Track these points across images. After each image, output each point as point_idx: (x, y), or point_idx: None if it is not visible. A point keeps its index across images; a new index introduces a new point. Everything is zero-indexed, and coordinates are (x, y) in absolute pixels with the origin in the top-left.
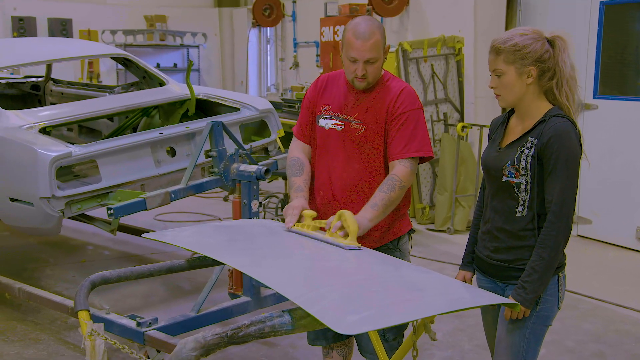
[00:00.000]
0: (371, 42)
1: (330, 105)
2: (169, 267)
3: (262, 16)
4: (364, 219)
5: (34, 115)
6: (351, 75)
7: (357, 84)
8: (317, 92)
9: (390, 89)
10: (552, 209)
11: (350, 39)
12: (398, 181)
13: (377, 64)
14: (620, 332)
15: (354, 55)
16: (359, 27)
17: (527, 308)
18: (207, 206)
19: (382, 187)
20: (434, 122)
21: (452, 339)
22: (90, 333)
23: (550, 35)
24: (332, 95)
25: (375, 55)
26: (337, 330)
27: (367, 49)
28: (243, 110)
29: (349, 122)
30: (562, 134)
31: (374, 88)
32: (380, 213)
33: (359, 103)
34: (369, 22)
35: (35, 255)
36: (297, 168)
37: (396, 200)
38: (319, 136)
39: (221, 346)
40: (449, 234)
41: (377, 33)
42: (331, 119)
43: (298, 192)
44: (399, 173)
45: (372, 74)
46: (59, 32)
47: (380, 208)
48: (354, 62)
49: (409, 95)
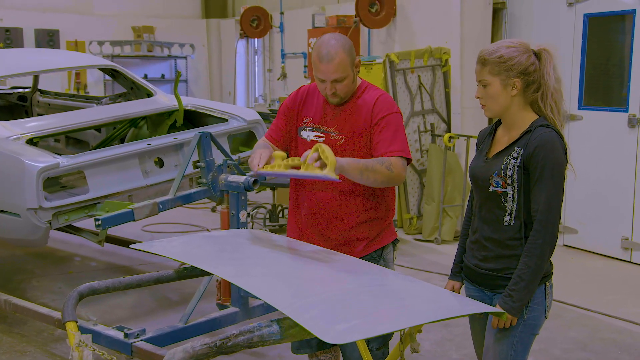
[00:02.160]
0: (335, 63)
1: (312, 117)
2: (157, 277)
3: (250, 27)
4: (341, 160)
5: (21, 126)
6: (323, 92)
7: (331, 100)
8: (297, 103)
9: (367, 99)
10: (538, 217)
11: (316, 61)
12: (388, 162)
13: (345, 81)
14: (606, 340)
15: (320, 76)
16: (322, 48)
17: (514, 316)
18: (194, 217)
19: (373, 159)
20: (421, 133)
21: (440, 349)
22: (78, 344)
23: (537, 48)
24: (312, 107)
25: (341, 75)
26: (326, 339)
27: (331, 70)
28: (231, 121)
29: (329, 134)
30: (548, 143)
31: (350, 99)
32: (357, 167)
33: (337, 115)
34: (333, 42)
35: (22, 267)
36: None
37: (379, 173)
38: (301, 148)
39: (210, 356)
40: (437, 244)
41: (341, 52)
42: (312, 131)
43: (260, 147)
44: (392, 159)
45: (342, 90)
46: (46, 43)
47: (360, 164)
48: (323, 81)
49: (385, 102)
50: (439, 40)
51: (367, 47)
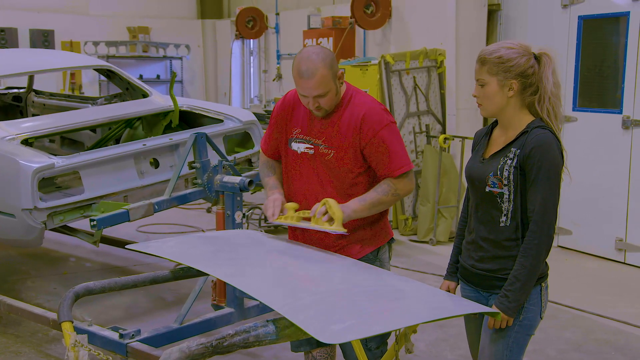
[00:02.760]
0: (315, 80)
1: (300, 129)
2: (153, 278)
3: (245, 28)
4: (348, 208)
5: (16, 126)
6: (307, 107)
7: (316, 114)
8: (286, 112)
9: (353, 113)
10: (534, 218)
11: (296, 77)
12: (394, 188)
13: (328, 95)
14: (600, 341)
15: (301, 92)
16: (302, 64)
17: (509, 317)
18: (190, 218)
19: (376, 188)
20: (416, 134)
21: (434, 349)
22: (74, 344)
23: (538, 51)
24: (300, 117)
25: (322, 90)
26: (321, 339)
27: (312, 86)
28: (226, 122)
29: (318, 146)
30: (544, 144)
31: (336, 111)
32: (365, 208)
33: (324, 128)
34: (313, 57)
35: (16, 267)
36: (268, 169)
37: (386, 204)
38: (292, 160)
39: (206, 356)
40: (432, 245)
41: (322, 68)
42: (302, 142)
43: (273, 189)
44: (397, 182)
45: (325, 104)
46: (41, 43)
47: (367, 204)
48: (305, 97)
49: (374, 115)
50: (434, 41)
51: (362, 48)
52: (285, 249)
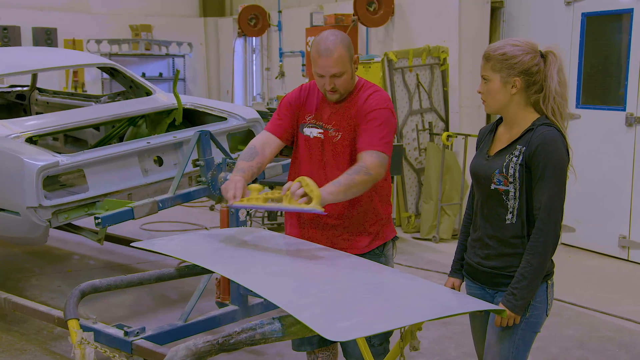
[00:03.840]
0: (334, 57)
1: (313, 114)
2: (158, 275)
3: (248, 26)
4: (323, 192)
5: (21, 124)
6: (322, 89)
7: (329, 97)
8: (301, 99)
9: (362, 96)
10: (540, 215)
11: (315, 56)
12: (364, 167)
13: (344, 76)
14: (603, 338)
15: (319, 71)
16: (321, 44)
17: (517, 314)
18: (192, 215)
19: (347, 171)
20: (419, 132)
21: (438, 347)
22: (80, 342)
23: (545, 50)
24: (313, 104)
25: (340, 69)
26: (328, 337)
27: (330, 64)
28: (230, 120)
29: (327, 131)
30: (550, 142)
31: (348, 97)
32: (340, 190)
33: (335, 112)
34: (332, 38)
35: (20, 265)
36: (247, 154)
37: (360, 184)
38: (303, 144)
39: (212, 353)
40: (435, 242)
41: (340, 47)
42: (315, 127)
43: (238, 172)
44: (365, 162)
45: (341, 86)
46: (44, 41)
47: (341, 186)
48: (321, 77)
49: (377, 97)
50: (436, 39)
51: (365, 45)
52: (289, 246)
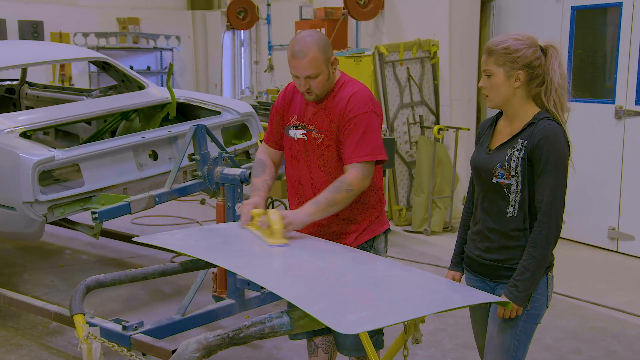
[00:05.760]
0: (307, 60)
1: (297, 116)
2: (162, 270)
3: (236, 19)
4: (302, 214)
5: (14, 119)
6: (299, 89)
7: (307, 97)
8: (285, 102)
9: (342, 96)
10: (542, 209)
11: (289, 57)
12: (346, 184)
13: (319, 78)
14: (596, 329)
15: (293, 72)
16: (296, 45)
17: (519, 306)
18: (183, 209)
19: (329, 187)
20: (410, 125)
21: (433, 339)
22: (87, 336)
23: (544, 44)
24: (297, 105)
25: (313, 71)
26: (339, 329)
27: (304, 66)
28: (224, 114)
29: (310, 132)
30: (551, 135)
31: (327, 97)
32: (320, 210)
33: (316, 112)
34: (308, 39)
35: (12, 260)
36: (259, 169)
37: (341, 202)
38: (289, 146)
39: (223, 347)
40: (426, 235)
41: (314, 49)
42: (299, 129)
43: (255, 192)
44: (348, 177)
45: (317, 87)
46: (30, 34)
47: (321, 205)
48: (297, 78)
49: (358, 100)
50: (427, 32)
51: (355, 39)
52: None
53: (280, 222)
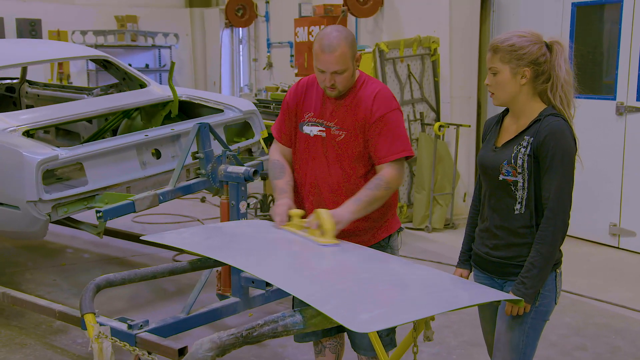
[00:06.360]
0: (336, 54)
1: (313, 112)
2: (171, 269)
3: (235, 16)
4: (346, 212)
5: (16, 118)
6: (322, 85)
7: (329, 93)
8: (298, 98)
9: (366, 93)
10: (549, 205)
11: (317, 51)
12: (384, 182)
13: (345, 74)
14: (600, 325)
15: (320, 67)
16: (324, 39)
17: (527, 303)
18: (184, 207)
19: (368, 185)
20: (410, 122)
21: (438, 336)
22: (98, 336)
23: (549, 40)
24: (312, 100)
25: (341, 67)
26: (352, 328)
27: (332, 61)
28: (227, 112)
29: (329, 129)
30: (558, 132)
31: (348, 94)
32: (361, 208)
33: (337, 109)
34: (336, 34)
35: (13, 259)
36: (278, 171)
37: (380, 199)
38: (303, 143)
39: (236, 346)
40: (427, 232)
41: (344, 45)
42: (315, 125)
43: (282, 194)
44: (386, 175)
45: (341, 83)
46: (28, 32)
47: (362, 203)
48: (322, 72)
49: (383, 99)
50: (426, 29)
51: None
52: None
53: (332, 221)
